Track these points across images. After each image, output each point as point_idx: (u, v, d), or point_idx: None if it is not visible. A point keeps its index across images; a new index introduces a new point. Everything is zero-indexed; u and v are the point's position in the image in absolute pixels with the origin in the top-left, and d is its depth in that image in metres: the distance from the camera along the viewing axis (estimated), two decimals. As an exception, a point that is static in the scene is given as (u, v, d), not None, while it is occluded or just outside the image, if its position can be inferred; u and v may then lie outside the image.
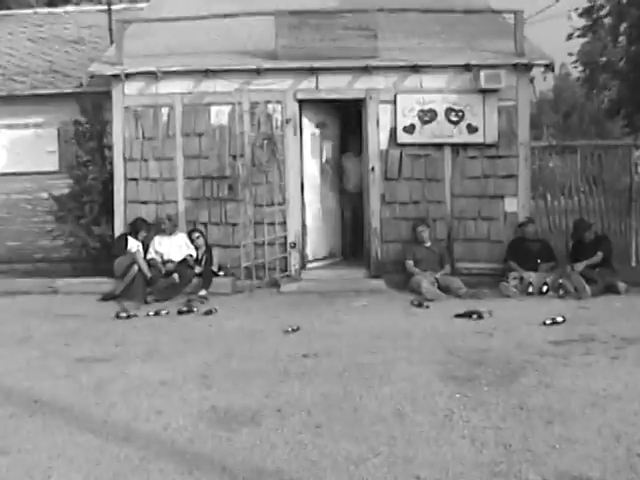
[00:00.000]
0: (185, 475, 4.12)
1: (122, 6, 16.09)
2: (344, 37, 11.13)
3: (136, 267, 10.18)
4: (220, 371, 6.22)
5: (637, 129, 21.48)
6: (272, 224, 11.03)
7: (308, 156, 11.56)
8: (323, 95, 11.22)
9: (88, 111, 11.77)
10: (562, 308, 8.88)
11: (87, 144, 11.67)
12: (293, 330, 7.83)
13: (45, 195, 12.29)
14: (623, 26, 20.51)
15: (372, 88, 11.11)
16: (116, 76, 11.14)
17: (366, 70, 11.03)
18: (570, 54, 25.32)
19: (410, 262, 10.66)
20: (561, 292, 9.86)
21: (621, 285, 9.96)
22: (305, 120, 11.48)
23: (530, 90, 11.54)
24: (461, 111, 11.06)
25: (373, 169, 11.12)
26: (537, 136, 26.90)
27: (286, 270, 11.13)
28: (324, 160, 11.87)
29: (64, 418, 4.98)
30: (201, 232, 10.92)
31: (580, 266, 10.13)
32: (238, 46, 11.98)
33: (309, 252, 11.51)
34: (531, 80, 11.59)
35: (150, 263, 10.45)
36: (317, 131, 11.84)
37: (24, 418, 5.07)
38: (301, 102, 11.24)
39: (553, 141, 15.08)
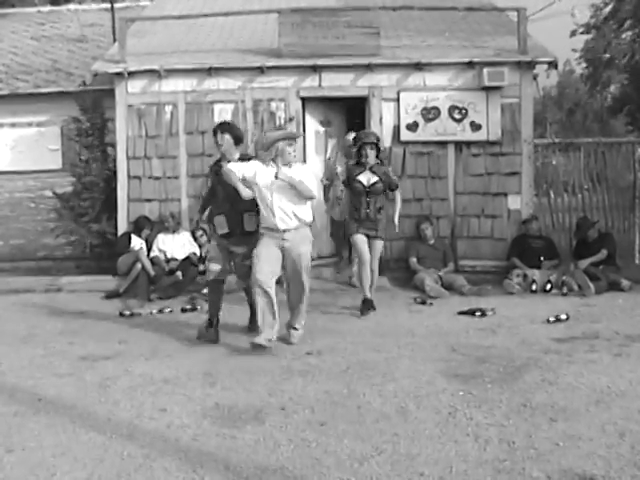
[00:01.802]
0: (189, 473, 4.12)
1: (125, 4, 16.10)
2: (347, 35, 11.12)
3: (139, 265, 10.19)
4: (224, 369, 6.22)
5: (641, 126, 21.50)
6: (275, 222, 11.00)
7: (312, 154, 11.56)
8: (326, 93, 11.22)
9: (87, 109, 11.79)
10: (565, 305, 8.87)
11: (87, 141, 11.69)
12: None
13: (48, 193, 12.32)
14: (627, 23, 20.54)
15: (375, 86, 11.11)
16: (119, 74, 11.15)
17: (369, 68, 11.02)
18: (574, 50, 25.32)
19: (413, 259, 10.66)
20: (565, 289, 9.85)
21: (625, 282, 9.95)
22: (308, 118, 11.48)
23: (533, 87, 11.54)
24: (464, 109, 11.05)
25: (376, 166, 11.12)
26: (540, 133, 26.94)
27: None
28: (327, 157, 11.87)
29: (68, 416, 4.99)
30: (204, 230, 10.92)
31: (584, 263, 10.13)
32: (241, 44, 11.99)
33: (313, 250, 11.47)
34: (534, 77, 11.59)
35: (153, 261, 10.46)
36: (321, 129, 11.83)
37: (28, 416, 5.08)
38: (304, 100, 11.24)
39: (556, 138, 15.06)
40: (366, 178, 8.66)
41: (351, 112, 12.21)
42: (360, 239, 8.67)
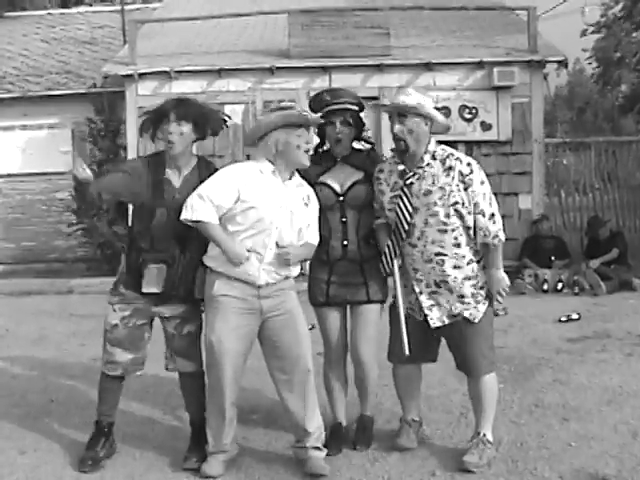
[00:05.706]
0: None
1: (135, 6, 16.17)
2: (357, 35, 11.14)
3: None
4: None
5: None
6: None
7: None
8: (336, 93, 11.20)
9: (103, 110, 11.82)
10: (577, 305, 8.85)
11: (102, 143, 11.72)
12: (308, 328, 7.79)
13: (59, 195, 12.36)
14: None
15: (385, 86, 11.09)
16: (129, 76, 11.18)
17: (379, 68, 11.03)
18: (584, 50, 25.24)
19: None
20: (576, 289, 9.85)
21: (636, 282, 9.92)
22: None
23: (544, 87, 11.52)
24: (475, 108, 11.04)
25: (386, 167, 11.10)
26: (551, 133, 26.84)
27: (300, 268, 11.10)
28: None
29: (80, 417, 4.99)
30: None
31: (595, 263, 10.10)
32: (251, 45, 12.02)
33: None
34: (545, 77, 11.57)
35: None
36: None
37: (40, 417, 5.10)
38: (314, 101, 11.25)
39: (567, 138, 15.02)
40: (338, 178, 4.44)
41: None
42: (331, 320, 4.79)
